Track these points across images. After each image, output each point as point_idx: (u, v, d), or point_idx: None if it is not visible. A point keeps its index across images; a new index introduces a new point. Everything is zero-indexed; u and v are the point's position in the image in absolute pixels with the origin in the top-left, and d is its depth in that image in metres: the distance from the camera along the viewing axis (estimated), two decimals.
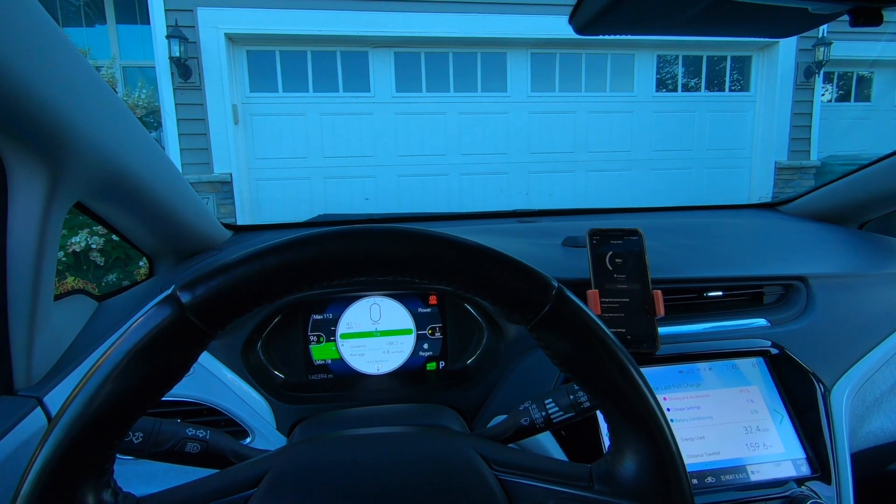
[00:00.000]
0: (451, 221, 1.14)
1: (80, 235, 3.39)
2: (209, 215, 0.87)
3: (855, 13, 0.36)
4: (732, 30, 0.49)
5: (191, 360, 0.33)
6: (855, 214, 1.06)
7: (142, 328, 0.31)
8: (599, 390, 0.35)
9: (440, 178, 5.15)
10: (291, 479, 0.36)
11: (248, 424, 0.69)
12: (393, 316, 0.78)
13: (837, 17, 0.40)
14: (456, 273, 0.34)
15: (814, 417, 0.68)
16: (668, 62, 5.46)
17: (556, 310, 0.34)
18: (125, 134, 0.61)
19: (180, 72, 4.38)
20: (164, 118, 4.49)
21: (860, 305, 0.80)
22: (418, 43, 4.86)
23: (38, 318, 0.57)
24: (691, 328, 0.76)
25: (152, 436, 0.45)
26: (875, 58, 5.56)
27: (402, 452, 0.40)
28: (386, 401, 0.74)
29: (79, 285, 3.34)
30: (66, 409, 0.30)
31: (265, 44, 4.69)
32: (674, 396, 0.68)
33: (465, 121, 5.10)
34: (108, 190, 0.62)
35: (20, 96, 0.43)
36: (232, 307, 0.32)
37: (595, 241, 0.72)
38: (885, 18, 0.38)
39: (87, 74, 0.52)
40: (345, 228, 0.34)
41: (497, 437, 0.52)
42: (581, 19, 0.48)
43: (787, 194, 1.22)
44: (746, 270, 0.81)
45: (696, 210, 1.22)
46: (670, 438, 0.34)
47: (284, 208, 4.91)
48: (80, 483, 0.31)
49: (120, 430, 0.32)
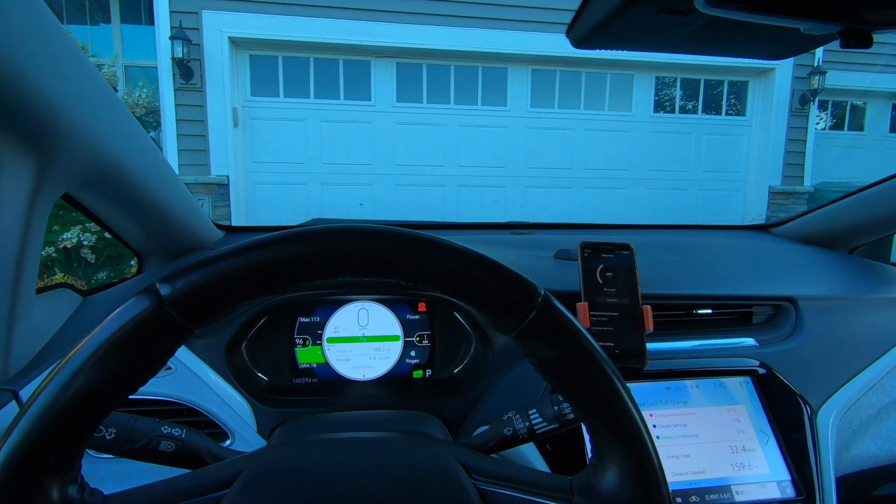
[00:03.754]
0: (445, 230, 1.14)
1: (71, 231, 3.36)
2: (201, 214, 0.86)
3: (846, 35, 0.37)
4: (726, 49, 0.49)
5: (167, 355, 0.32)
6: (845, 239, 1.07)
7: (118, 319, 0.30)
8: (582, 400, 0.35)
9: (437, 189, 5.17)
10: (265, 481, 0.36)
11: (229, 426, 0.67)
12: (381, 322, 0.77)
13: (829, 41, 0.41)
14: (442, 277, 0.34)
15: (800, 439, 0.68)
16: (666, 84, 5.55)
17: (542, 317, 0.34)
18: (117, 127, 0.60)
19: (182, 73, 4.39)
20: (163, 118, 4.49)
21: (848, 328, 0.80)
22: (420, 55, 4.91)
23: (19, 309, 0.56)
24: (680, 345, 0.75)
25: (126, 432, 0.44)
26: (866, 88, 5.67)
27: (380, 457, 0.39)
28: (370, 407, 0.73)
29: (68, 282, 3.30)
30: (36, 398, 0.29)
31: (268, 49, 4.72)
32: (660, 413, 0.68)
33: (464, 133, 5.14)
34: (97, 182, 0.61)
35: (9, 82, 0.43)
36: (212, 302, 0.32)
37: (586, 255, 0.72)
38: (875, 42, 0.38)
39: (80, 65, 0.52)
40: (330, 227, 0.33)
41: (479, 446, 0.51)
42: (578, 33, 0.49)
43: (779, 218, 1.23)
44: (736, 289, 0.81)
45: (688, 229, 1.23)
46: (652, 452, 0.34)
47: (280, 212, 4.91)
48: (46, 476, 0.30)
49: (91, 425, 0.31)
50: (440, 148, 5.11)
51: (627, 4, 0.40)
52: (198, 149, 4.57)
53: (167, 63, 4.38)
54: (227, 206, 4.66)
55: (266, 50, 4.73)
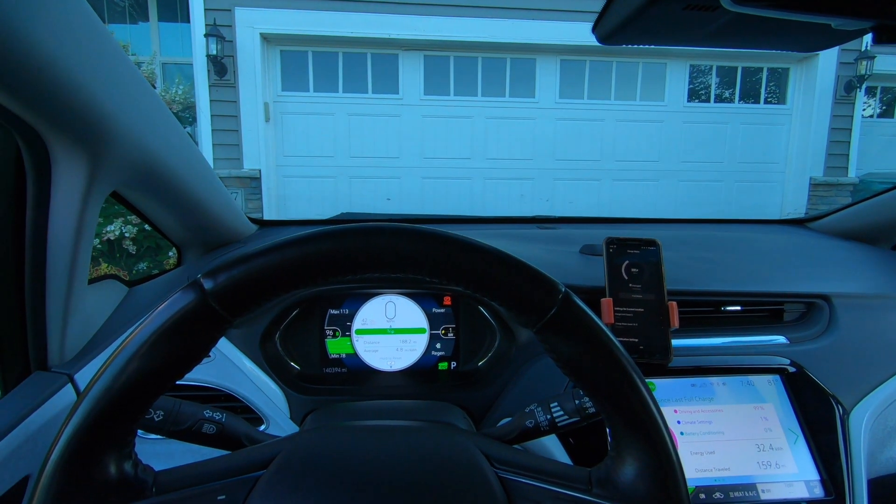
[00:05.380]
0: (471, 225, 1.15)
1: (114, 224, 3.52)
2: (236, 209, 0.90)
3: (878, 30, 0.36)
4: (755, 43, 0.48)
5: (210, 344, 0.35)
6: (888, 234, 1.02)
7: (167, 311, 0.33)
8: (601, 394, 0.36)
9: (464, 182, 5.17)
10: (299, 464, 0.38)
11: (263, 412, 0.71)
12: (407, 314, 0.79)
13: (861, 35, 0.40)
14: (467, 274, 0.35)
15: (830, 439, 0.67)
16: (701, 72, 5.36)
17: (562, 313, 0.35)
18: (161, 128, 0.64)
19: (216, 69, 4.51)
20: (198, 114, 4.63)
21: (886, 328, 0.78)
22: (448, 47, 4.89)
23: (73, 299, 0.60)
24: (707, 342, 0.75)
25: (172, 415, 0.48)
26: None
27: (406, 445, 0.41)
28: (397, 397, 0.75)
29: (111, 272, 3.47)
30: (95, 382, 0.32)
31: (298, 44, 4.80)
32: (685, 409, 0.68)
33: (492, 125, 5.10)
34: (143, 181, 0.65)
35: (68, 90, 0.46)
36: (251, 295, 0.34)
37: (612, 250, 0.72)
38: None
39: (128, 70, 0.55)
40: (361, 225, 0.35)
41: (501, 437, 0.53)
42: (604, 29, 0.49)
43: (820, 211, 1.18)
44: (767, 286, 0.79)
45: (720, 223, 1.20)
46: (670, 445, 0.35)
47: (310, 205, 5.00)
48: (104, 453, 0.33)
49: (142, 406, 0.34)
50: (467, 140, 5.10)
51: (654, 0, 0.41)
52: (231, 143, 4.70)
53: (202, 60, 4.51)
54: (259, 199, 4.78)
55: (296, 45, 4.81)
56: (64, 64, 0.44)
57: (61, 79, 0.45)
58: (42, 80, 0.43)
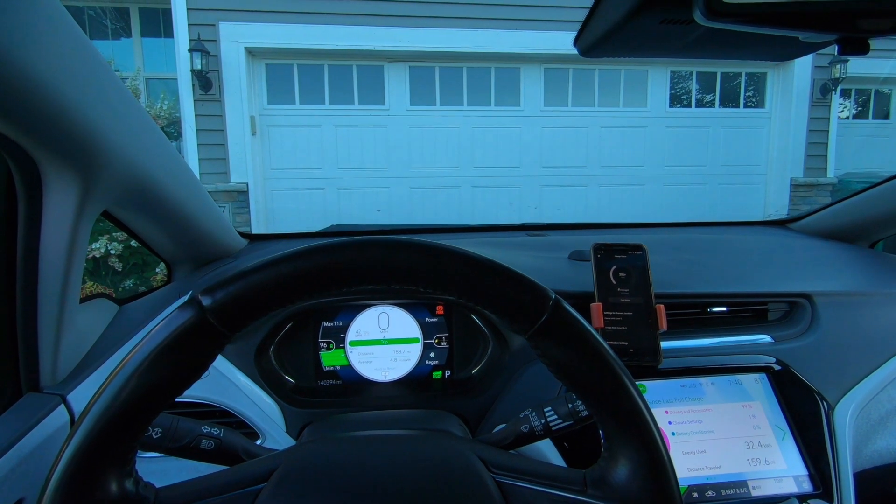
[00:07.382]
0: (460, 234, 1.16)
1: (99, 241, 3.48)
2: (226, 224, 0.90)
3: (843, 42, 0.38)
4: (729, 54, 0.51)
5: (209, 360, 0.36)
6: (866, 233, 1.06)
7: (166, 328, 0.34)
8: (593, 398, 0.37)
9: (452, 191, 5.20)
10: (299, 476, 0.38)
11: (259, 426, 0.71)
12: (401, 325, 0.80)
13: (828, 45, 0.42)
14: (459, 284, 0.36)
15: (817, 435, 0.68)
16: (682, 78, 5.47)
17: (553, 320, 0.36)
18: (150, 145, 0.64)
19: (201, 84, 4.50)
20: (184, 128, 4.61)
21: (866, 324, 0.80)
22: (433, 58, 4.94)
23: (65, 319, 0.60)
24: (694, 343, 0.76)
25: (170, 431, 0.48)
26: (889, 74, 5.51)
27: (405, 454, 0.41)
28: (393, 407, 0.76)
29: (97, 290, 3.43)
30: (96, 401, 0.33)
31: (284, 57, 4.81)
32: (675, 410, 0.69)
33: (478, 134, 5.15)
34: (133, 198, 0.65)
35: (58, 111, 0.46)
36: (248, 311, 0.35)
37: (599, 256, 0.73)
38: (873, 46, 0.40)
39: (117, 89, 0.56)
40: (354, 239, 0.36)
41: (497, 443, 0.53)
42: (585, 42, 0.51)
43: (801, 211, 1.21)
44: (751, 287, 0.81)
45: (703, 226, 1.23)
46: (661, 445, 0.36)
47: (298, 218, 4.99)
48: (106, 471, 0.33)
49: (143, 424, 0.34)
50: (454, 150, 5.14)
51: (631, 15, 0.42)
52: (218, 157, 4.68)
53: (186, 75, 4.50)
54: (247, 212, 4.76)
55: (281, 59, 4.82)
56: (54, 85, 0.44)
57: (52, 100, 0.45)
58: (32, 101, 0.43)
